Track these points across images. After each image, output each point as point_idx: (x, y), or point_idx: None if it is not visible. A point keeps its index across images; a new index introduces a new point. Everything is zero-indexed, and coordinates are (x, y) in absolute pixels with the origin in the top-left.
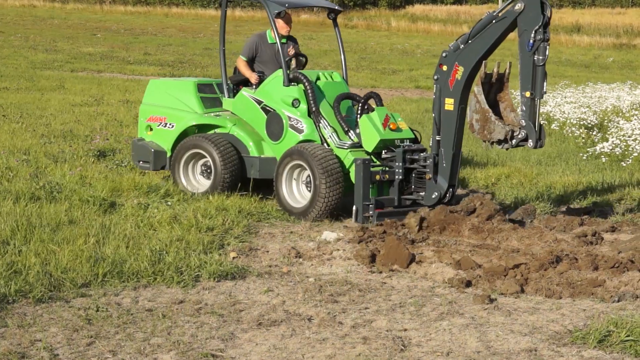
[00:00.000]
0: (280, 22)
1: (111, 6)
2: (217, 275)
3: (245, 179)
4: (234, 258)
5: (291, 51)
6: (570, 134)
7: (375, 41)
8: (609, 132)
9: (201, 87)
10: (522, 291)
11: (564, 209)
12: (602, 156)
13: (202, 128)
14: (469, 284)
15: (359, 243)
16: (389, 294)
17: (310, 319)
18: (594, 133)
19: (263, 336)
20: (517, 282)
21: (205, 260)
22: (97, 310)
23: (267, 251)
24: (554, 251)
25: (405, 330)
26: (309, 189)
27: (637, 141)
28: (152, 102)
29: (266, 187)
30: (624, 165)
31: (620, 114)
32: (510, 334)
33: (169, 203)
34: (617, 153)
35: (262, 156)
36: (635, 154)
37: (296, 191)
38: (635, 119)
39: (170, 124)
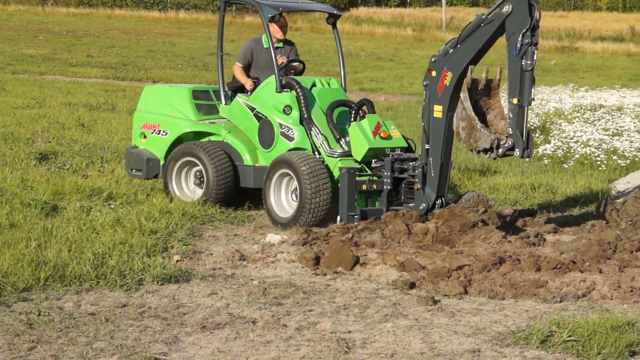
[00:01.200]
0: (274, 27)
1: (53, 8)
2: (160, 279)
3: (241, 188)
4: (177, 261)
5: (282, 58)
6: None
7: (319, 43)
8: (551, 134)
9: (196, 94)
10: (466, 292)
11: (507, 210)
12: (545, 158)
13: (198, 135)
14: (412, 285)
15: (303, 245)
16: (333, 296)
17: (254, 321)
18: (537, 135)
19: (207, 339)
20: (460, 283)
21: (148, 263)
22: (39, 315)
23: (211, 254)
24: (497, 252)
25: (350, 332)
26: (296, 199)
27: (578, 143)
28: (146, 109)
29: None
30: (566, 167)
31: (562, 116)
32: (454, 335)
33: (112, 206)
34: (559, 155)
35: (256, 165)
36: (577, 156)
37: (284, 201)
38: (577, 121)
39: (164, 132)
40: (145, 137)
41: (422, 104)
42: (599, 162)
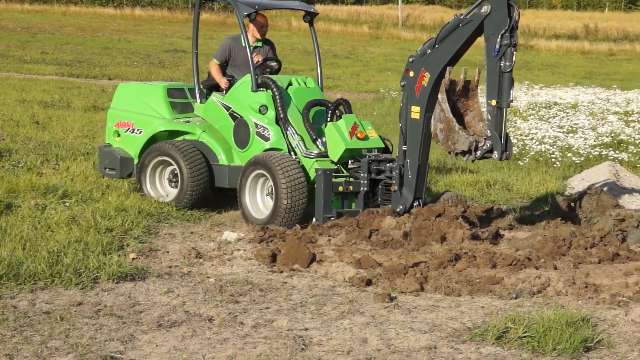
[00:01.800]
0: (252, 26)
1: (7, 4)
2: (116, 277)
3: (218, 188)
4: (133, 259)
5: (257, 57)
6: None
7: (275, 41)
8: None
9: (171, 92)
10: (422, 289)
11: (462, 208)
12: None
13: (173, 134)
14: (369, 282)
15: (259, 243)
16: (290, 294)
17: (210, 319)
18: None
19: (163, 337)
20: (416, 280)
21: (104, 261)
22: None
23: (167, 252)
24: (452, 249)
25: (306, 329)
26: (272, 200)
27: (533, 140)
28: (120, 107)
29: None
30: (521, 164)
31: (517, 114)
32: (410, 332)
33: (67, 204)
34: (515, 152)
35: (231, 165)
36: (532, 153)
37: (260, 202)
38: (532, 119)
39: (137, 130)
40: (119, 135)
41: (400, 104)
42: (553, 159)
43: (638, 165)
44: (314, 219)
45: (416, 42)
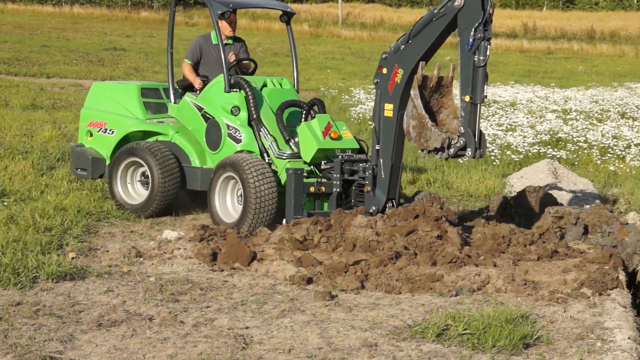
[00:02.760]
0: (223, 23)
1: None
2: (55, 276)
3: (193, 191)
4: (73, 258)
5: (233, 57)
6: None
7: None
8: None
9: (145, 92)
10: (363, 287)
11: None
12: None
13: (147, 135)
14: (310, 280)
15: (200, 241)
16: (231, 292)
17: (151, 318)
18: None
19: (103, 337)
20: (357, 278)
21: (43, 261)
22: None
23: (107, 251)
24: (393, 247)
25: (247, 328)
26: (241, 203)
27: None
28: (93, 107)
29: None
30: (461, 162)
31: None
32: (351, 330)
33: (5, 203)
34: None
35: (204, 167)
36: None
37: (230, 205)
38: None
39: (110, 130)
40: (91, 135)
41: (373, 102)
42: (493, 157)
43: (576, 163)
44: (284, 221)
45: (356, 41)
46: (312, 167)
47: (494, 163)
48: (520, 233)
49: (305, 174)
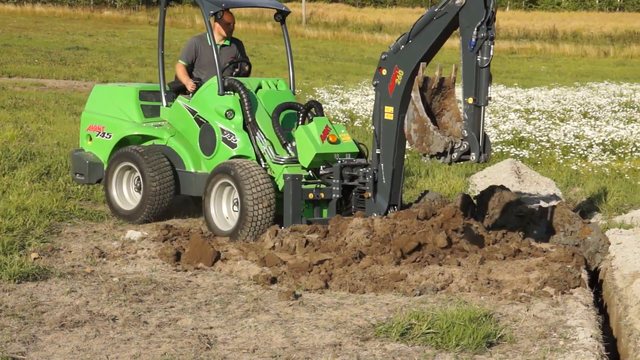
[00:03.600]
0: (216, 24)
1: None
2: (17, 277)
3: (190, 196)
4: (35, 259)
5: (231, 57)
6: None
7: (179, 38)
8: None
9: (144, 95)
10: (327, 287)
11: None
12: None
13: (145, 139)
14: (274, 280)
15: (163, 241)
16: (195, 292)
17: (114, 319)
18: None
19: (66, 338)
20: (321, 277)
21: (5, 261)
22: None
23: (70, 251)
24: (357, 247)
25: (211, 328)
26: (237, 210)
27: None
28: (93, 110)
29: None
30: (424, 161)
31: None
32: (315, 330)
33: None
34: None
35: (198, 172)
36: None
37: (225, 212)
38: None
39: (107, 134)
40: (91, 139)
41: (373, 105)
42: None
43: (539, 163)
44: (282, 229)
45: (320, 40)
46: (310, 172)
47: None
48: (483, 232)
49: (303, 180)
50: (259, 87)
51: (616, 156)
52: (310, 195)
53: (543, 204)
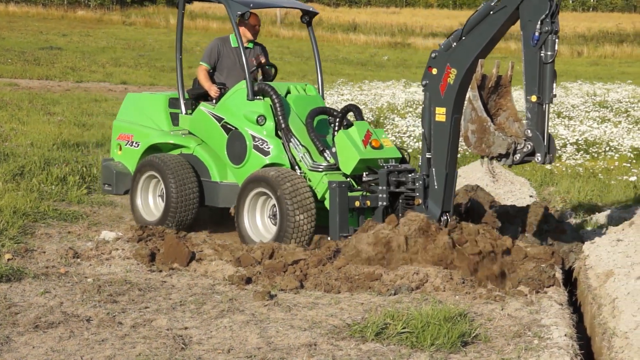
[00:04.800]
0: (241, 27)
1: None
2: None
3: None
4: (9, 260)
5: (256, 60)
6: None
7: (153, 38)
8: (385, 129)
9: (173, 102)
10: (302, 287)
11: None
12: None
13: (174, 148)
14: (249, 280)
15: (138, 242)
16: (169, 293)
17: (89, 319)
18: None
19: (40, 339)
20: (296, 277)
21: None
22: None
23: (44, 252)
24: (332, 246)
25: (186, 328)
26: (273, 221)
27: (411, 137)
28: (124, 118)
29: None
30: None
31: (395, 111)
32: (291, 330)
33: None
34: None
35: (224, 182)
36: (410, 150)
37: (260, 224)
38: (409, 116)
39: (136, 143)
40: (120, 148)
41: (422, 106)
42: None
43: None
44: (328, 238)
45: (294, 40)
46: (349, 179)
47: None
48: (458, 232)
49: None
50: (288, 92)
51: (590, 156)
52: (357, 203)
53: (517, 203)
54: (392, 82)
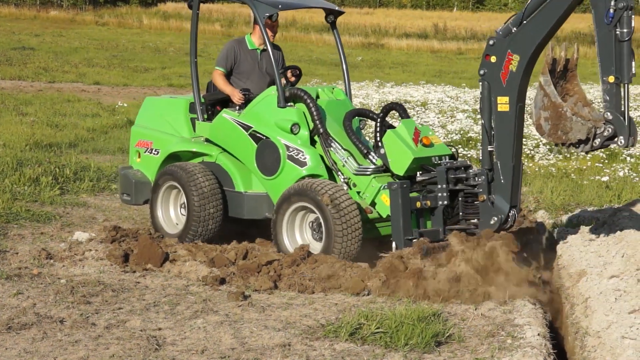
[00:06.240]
0: (256, 28)
1: None
2: None
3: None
4: None
5: (290, 76)
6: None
7: (127, 39)
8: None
9: (194, 107)
10: (276, 287)
11: None
12: None
13: (195, 156)
14: (223, 281)
15: (111, 243)
16: (143, 294)
17: (62, 321)
18: None
19: (13, 340)
20: (270, 278)
21: None
22: None
23: (17, 253)
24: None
25: (160, 329)
26: (315, 236)
27: None
28: (143, 124)
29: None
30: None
31: None
32: (265, 330)
33: None
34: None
35: (248, 192)
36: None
37: (299, 238)
38: None
39: (155, 150)
40: (139, 156)
41: (479, 96)
42: None
43: None
44: (393, 245)
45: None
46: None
47: None
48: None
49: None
50: (317, 96)
51: (562, 156)
52: (418, 204)
53: None
54: (366, 83)
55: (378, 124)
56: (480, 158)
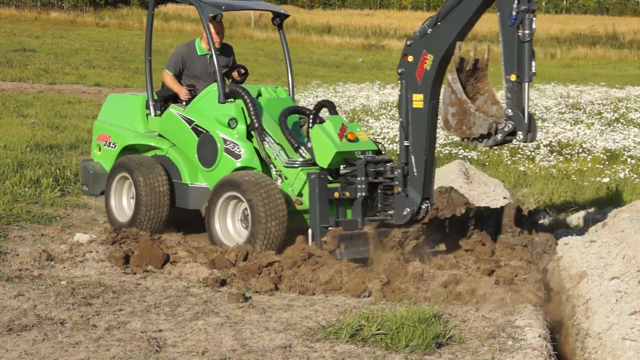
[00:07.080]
0: (210, 29)
1: None
2: None
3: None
4: None
5: (236, 75)
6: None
7: (127, 40)
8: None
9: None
10: (277, 289)
11: None
12: None
13: (147, 149)
14: (223, 282)
15: (112, 244)
16: (144, 295)
17: (62, 322)
18: None
19: (14, 342)
20: (271, 279)
21: None
22: None
23: (17, 255)
24: (306, 248)
25: (161, 330)
26: (244, 225)
27: (385, 139)
28: (104, 119)
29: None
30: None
31: (369, 113)
32: (265, 332)
33: None
34: None
35: (194, 184)
36: (383, 153)
37: (231, 228)
38: (383, 118)
39: (113, 144)
40: (100, 149)
41: (398, 94)
42: None
43: (487, 164)
44: (309, 232)
45: (268, 42)
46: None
47: None
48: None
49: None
50: (259, 94)
51: (563, 157)
52: (336, 194)
53: (492, 204)
54: (366, 84)
55: (311, 120)
56: (398, 153)
